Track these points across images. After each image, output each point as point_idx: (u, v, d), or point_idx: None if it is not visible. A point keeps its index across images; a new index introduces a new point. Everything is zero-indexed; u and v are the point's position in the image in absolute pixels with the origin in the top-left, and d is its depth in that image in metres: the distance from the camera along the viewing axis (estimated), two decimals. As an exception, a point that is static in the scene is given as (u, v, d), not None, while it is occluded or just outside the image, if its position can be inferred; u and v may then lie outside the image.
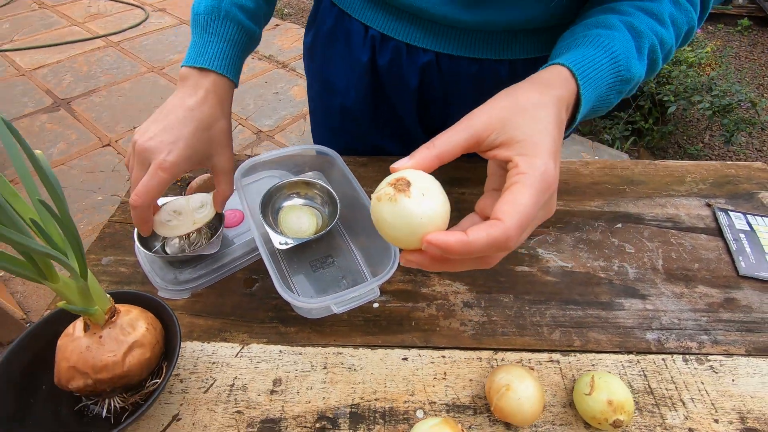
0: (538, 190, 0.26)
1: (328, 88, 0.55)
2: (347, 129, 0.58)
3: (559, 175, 0.58)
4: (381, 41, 0.48)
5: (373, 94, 0.52)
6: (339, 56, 0.52)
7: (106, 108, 2.30)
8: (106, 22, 3.13)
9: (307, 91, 0.62)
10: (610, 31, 0.35)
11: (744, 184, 0.58)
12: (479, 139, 0.29)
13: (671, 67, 1.97)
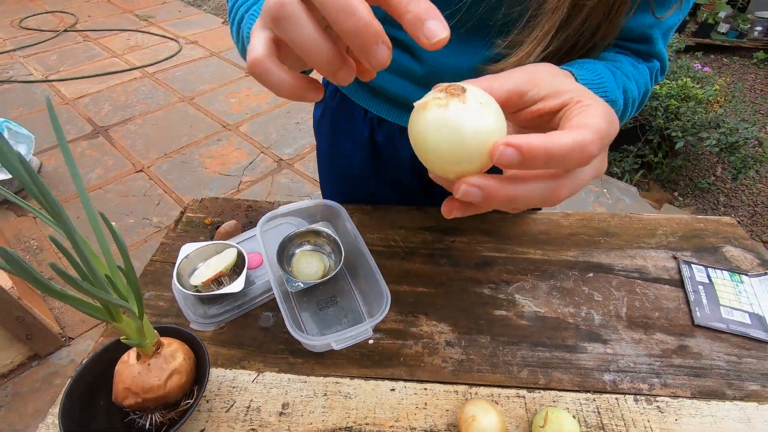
0: (605, 120, 0.25)
1: (335, 154, 0.65)
2: (352, 184, 0.67)
3: (541, 226, 0.66)
4: (378, 122, 0.57)
5: (373, 161, 0.61)
6: (344, 130, 0.61)
7: (140, 136, 2.47)
8: (143, 53, 3.36)
9: (317, 152, 0.72)
10: (592, 63, 0.39)
11: (710, 238, 0.64)
12: (521, 92, 0.28)
13: (680, 103, 2.02)
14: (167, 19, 3.97)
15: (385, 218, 0.66)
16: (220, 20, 3.98)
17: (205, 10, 4.20)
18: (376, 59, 0.21)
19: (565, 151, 0.22)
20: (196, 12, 4.16)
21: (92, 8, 4.23)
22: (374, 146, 0.60)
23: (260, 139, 2.45)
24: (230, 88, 2.92)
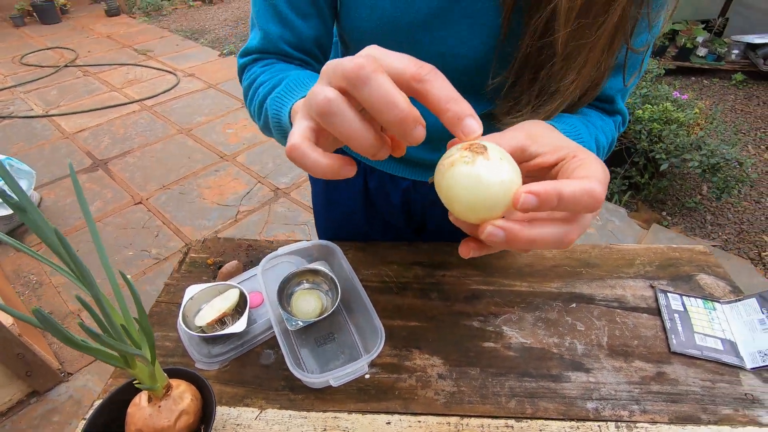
0: (602, 171, 0.28)
1: (329, 199, 0.69)
2: (345, 225, 0.71)
3: (526, 258, 0.70)
4: (370, 171, 0.62)
5: (365, 206, 0.66)
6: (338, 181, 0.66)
7: (138, 168, 2.52)
8: (142, 87, 3.45)
9: (312, 194, 0.76)
10: (569, 117, 0.45)
11: (685, 267, 0.68)
12: (523, 147, 0.31)
13: (662, 127, 2.10)
14: (165, 53, 4.09)
15: (378, 254, 0.70)
16: (216, 53, 4.09)
17: (202, 43, 4.33)
18: (414, 138, 0.24)
19: (574, 193, 0.25)
20: (194, 45, 4.28)
21: (92, 44, 4.35)
22: (367, 192, 0.64)
23: (257, 168, 2.50)
24: (227, 119, 2.99)
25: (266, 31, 0.49)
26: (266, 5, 0.48)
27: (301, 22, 0.48)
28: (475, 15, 0.43)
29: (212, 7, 5.58)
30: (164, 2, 5.45)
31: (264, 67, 0.50)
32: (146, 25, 4.88)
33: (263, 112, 0.47)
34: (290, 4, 0.47)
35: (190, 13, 5.35)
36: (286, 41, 0.49)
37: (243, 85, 0.52)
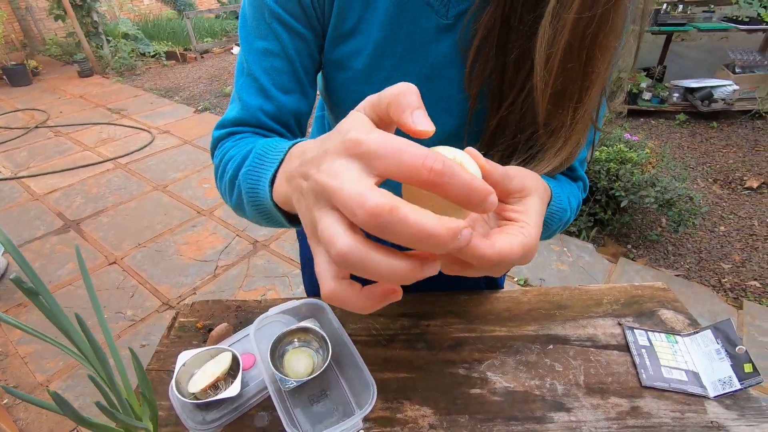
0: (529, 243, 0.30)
1: None
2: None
3: (503, 304, 0.74)
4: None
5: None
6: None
7: (112, 227, 2.48)
8: (116, 145, 3.46)
9: (300, 252, 0.80)
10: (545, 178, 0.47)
11: (647, 303, 0.74)
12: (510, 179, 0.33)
13: (618, 166, 2.26)
14: (140, 111, 4.14)
15: (365, 308, 0.73)
16: (191, 110, 4.18)
17: (176, 101, 4.42)
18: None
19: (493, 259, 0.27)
20: (168, 103, 4.36)
21: (64, 104, 4.37)
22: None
23: (235, 222, 2.51)
24: (203, 174, 3.02)
25: (246, 102, 0.50)
26: (249, 80, 0.49)
27: (283, 95, 0.50)
28: (446, 99, 0.50)
29: (186, 65, 5.74)
30: (138, 62, 5.57)
31: (236, 142, 0.50)
32: (120, 85, 4.96)
33: (235, 189, 0.45)
34: (273, 80, 0.49)
35: (164, 72, 5.48)
36: (265, 112, 0.50)
37: (215, 161, 0.52)
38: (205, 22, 6.91)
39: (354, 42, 0.49)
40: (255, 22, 0.48)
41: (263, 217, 0.44)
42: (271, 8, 0.47)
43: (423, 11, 0.47)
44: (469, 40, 0.47)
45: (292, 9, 0.47)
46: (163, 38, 6.36)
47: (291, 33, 0.48)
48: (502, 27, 0.44)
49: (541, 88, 0.40)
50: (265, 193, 0.39)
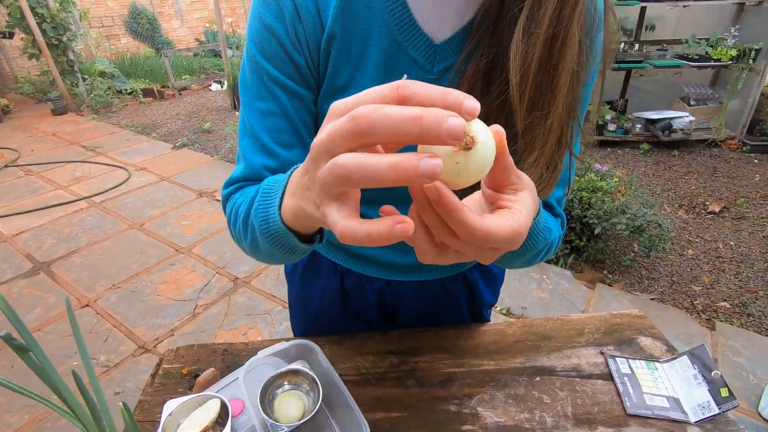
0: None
1: (305, 299, 0.74)
2: (321, 322, 0.75)
3: (490, 337, 0.75)
4: (346, 272, 0.68)
5: (342, 304, 0.71)
6: (315, 281, 0.71)
7: (85, 268, 2.40)
8: (90, 183, 3.39)
9: (288, 294, 0.80)
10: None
11: (626, 331, 0.77)
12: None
13: (590, 195, 2.35)
14: (116, 148, 4.09)
15: (354, 347, 0.73)
16: (169, 146, 4.16)
17: (154, 137, 4.39)
18: (451, 127, 0.23)
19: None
20: (145, 140, 4.33)
21: (36, 143, 4.29)
22: (344, 292, 0.70)
23: (214, 259, 2.47)
24: (182, 211, 2.98)
25: (250, 161, 0.53)
26: (252, 140, 0.53)
27: (285, 152, 0.53)
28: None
29: (164, 102, 5.75)
30: (114, 99, 5.55)
31: (242, 191, 0.53)
32: (95, 122, 4.91)
33: (249, 228, 0.48)
34: (274, 138, 0.52)
35: (141, 109, 5.47)
36: (268, 168, 0.53)
37: (227, 213, 0.55)
38: (183, 60, 6.99)
39: (346, 96, 0.52)
40: (255, 85, 0.51)
41: (277, 247, 0.45)
42: (269, 73, 0.50)
43: (409, 67, 0.51)
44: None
45: (290, 72, 0.50)
46: (141, 76, 6.38)
47: (288, 93, 0.51)
48: (484, 79, 0.48)
49: (516, 100, 0.43)
50: (275, 219, 0.41)
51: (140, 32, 7.08)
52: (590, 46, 0.47)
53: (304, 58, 0.51)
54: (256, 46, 0.50)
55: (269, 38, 0.49)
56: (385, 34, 0.50)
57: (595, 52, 0.49)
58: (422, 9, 0.49)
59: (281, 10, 0.49)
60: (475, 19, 0.49)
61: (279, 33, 0.49)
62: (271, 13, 0.49)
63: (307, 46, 0.50)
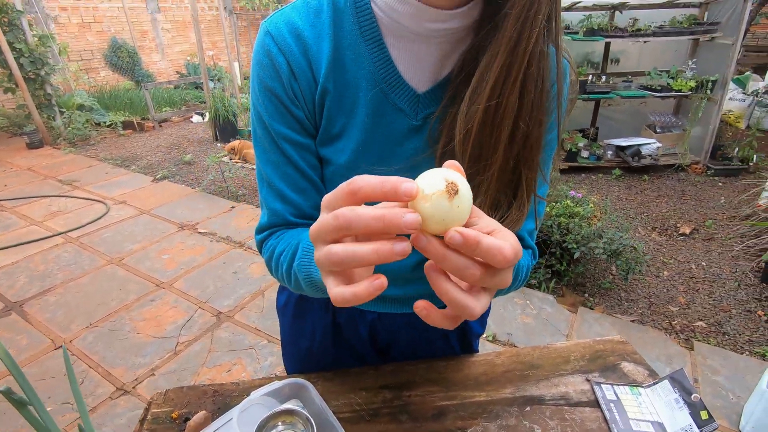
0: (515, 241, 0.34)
1: (297, 334, 0.75)
2: (313, 358, 0.75)
3: (480, 368, 0.77)
4: (339, 308, 0.69)
5: (334, 338, 0.72)
6: (307, 316, 0.73)
7: (61, 306, 2.32)
8: (66, 218, 3.31)
9: (280, 329, 0.81)
10: None
11: (610, 357, 0.79)
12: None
13: (568, 220, 2.43)
14: (94, 182, 4.03)
15: (346, 383, 0.74)
16: (149, 179, 4.12)
17: (133, 170, 4.35)
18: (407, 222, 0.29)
19: (490, 247, 0.31)
20: (125, 173, 4.28)
21: (9, 177, 4.18)
22: (336, 327, 0.71)
23: (197, 293, 2.42)
24: (162, 245, 2.93)
25: (272, 209, 0.59)
26: (270, 189, 0.59)
27: (299, 197, 0.59)
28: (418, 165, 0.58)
29: (144, 134, 5.72)
30: (92, 132, 5.49)
31: (278, 239, 0.60)
32: (72, 156, 4.84)
33: (293, 277, 0.55)
34: (288, 183, 0.58)
35: (120, 141, 5.42)
36: (291, 213, 0.59)
37: (264, 257, 0.61)
38: (164, 92, 7.01)
39: (340, 142, 0.57)
40: (265, 140, 0.58)
41: (318, 292, 0.54)
42: (275, 129, 0.56)
43: (397, 115, 0.56)
44: (436, 136, 0.55)
45: (292, 125, 0.56)
46: (120, 108, 6.35)
47: (294, 145, 0.57)
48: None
49: (459, 153, 0.49)
50: (318, 274, 0.49)
51: (120, 65, 7.09)
52: (553, 97, 0.52)
53: (303, 111, 0.56)
54: (261, 106, 0.56)
55: (270, 98, 0.55)
56: (373, 87, 0.55)
57: (560, 101, 0.55)
58: (405, 66, 0.55)
59: (278, 72, 0.54)
60: (451, 74, 0.55)
61: (278, 92, 0.54)
62: (269, 76, 0.54)
63: (303, 101, 0.55)
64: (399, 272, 0.65)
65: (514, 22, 0.44)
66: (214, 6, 8.46)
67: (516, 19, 0.44)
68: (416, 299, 0.71)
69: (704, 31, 3.79)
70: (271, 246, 0.59)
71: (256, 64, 0.56)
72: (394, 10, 0.51)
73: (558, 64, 0.50)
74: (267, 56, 0.54)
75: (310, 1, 0.55)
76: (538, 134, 0.50)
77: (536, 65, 0.47)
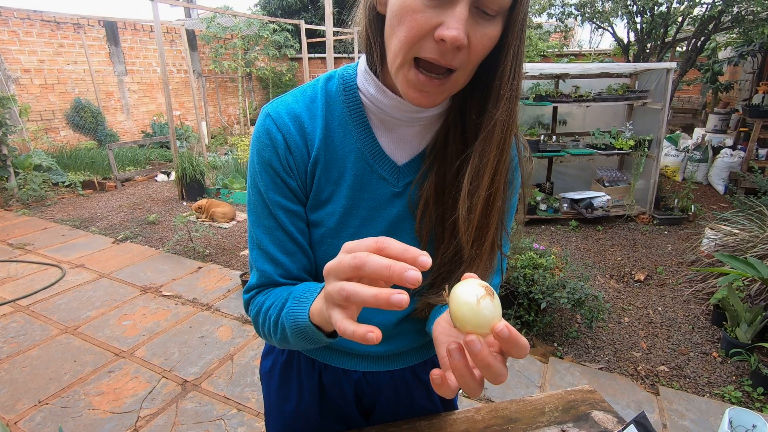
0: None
1: (282, 398, 0.76)
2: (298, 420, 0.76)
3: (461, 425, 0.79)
4: (324, 368, 0.72)
5: (320, 400, 0.74)
6: (293, 379, 0.74)
7: (5, 384, 2.14)
8: (16, 285, 3.12)
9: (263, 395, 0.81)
10: None
11: (581, 407, 0.84)
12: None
13: (533, 272, 2.54)
14: (49, 245, 3.84)
15: (333, 449, 0.74)
16: (110, 240, 3.98)
17: (93, 231, 4.19)
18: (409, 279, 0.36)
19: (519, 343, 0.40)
20: (83, 234, 4.12)
21: (-47, 242, 3.92)
22: (321, 388, 0.73)
23: (160, 362, 2.29)
24: (124, 310, 2.79)
25: (262, 270, 0.63)
26: (261, 252, 0.63)
27: (288, 259, 0.64)
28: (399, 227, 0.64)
29: (105, 194, 5.58)
30: (49, 193, 5.30)
31: (265, 296, 0.63)
32: (25, 218, 4.62)
33: (279, 327, 0.58)
34: (277, 246, 0.63)
35: (79, 201, 5.25)
36: (279, 274, 0.63)
37: (251, 314, 0.65)
38: (128, 151, 6.94)
39: (328, 207, 0.63)
40: (259, 207, 0.63)
41: (304, 340, 0.56)
42: (269, 197, 0.62)
43: (379, 183, 0.64)
44: (415, 201, 0.63)
45: (285, 193, 0.63)
46: (81, 168, 6.21)
47: (286, 212, 0.63)
48: (437, 191, 0.63)
49: (464, 231, 0.58)
50: (304, 318, 0.53)
51: (82, 125, 7.01)
52: (514, 169, 0.65)
53: (296, 181, 0.63)
54: (258, 178, 0.62)
55: (267, 170, 0.61)
56: (359, 159, 0.63)
57: (522, 172, 0.65)
58: (387, 142, 0.64)
59: (275, 147, 0.61)
60: (427, 148, 0.64)
61: (275, 165, 0.61)
62: (267, 151, 0.61)
63: (297, 172, 0.63)
64: (383, 328, 0.69)
65: (501, 127, 0.54)
66: (182, 69, 8.69)
67: (503, 126, 0.54)
68: (400, 356, 0.76)
69: (637, 98, 4.28)
70: (258, 302, 0.63)
71: (256, 141, 0.63)
72: (378, 100, 0.61)
73: (517, 147, 0.61)
74: (266, 134, 0.62)
75: (306, 90, 0.65)
76: (504, 202, 0.60)
77: (509, 158, 0.58)
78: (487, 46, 0.50)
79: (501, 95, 0.53)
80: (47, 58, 6.73)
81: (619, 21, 5.52)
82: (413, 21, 0.48)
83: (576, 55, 8.22)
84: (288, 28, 9.34)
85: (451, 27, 0.46)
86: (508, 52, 0.51)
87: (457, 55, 0.49)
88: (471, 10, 0.47)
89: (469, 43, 0.48)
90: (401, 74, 0.52)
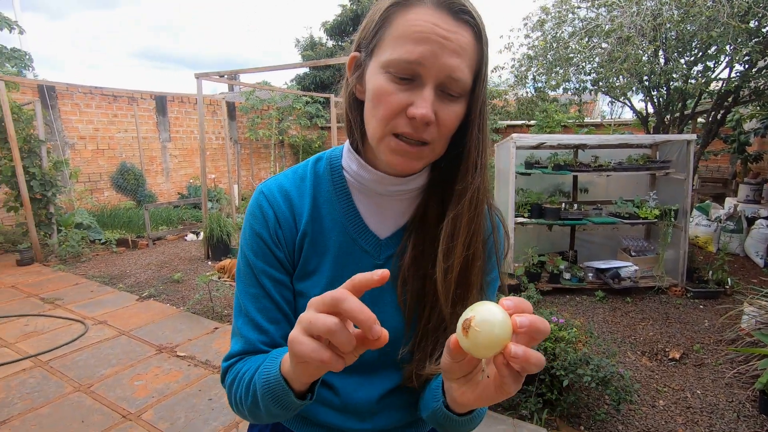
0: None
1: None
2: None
3: None
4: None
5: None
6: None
7: (13, 442, 2.12)
8: (40, 339, 3.20)
9: None
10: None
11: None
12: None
13: (554, 345, 2.42)
14: (77, 300, 3.97)
15: None
16: (134, 297, 4.08)
17: (120, 288, 4.33)
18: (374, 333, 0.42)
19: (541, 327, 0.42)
20: (111, 291, 4.25)
21: (-10, 295, 4.11)
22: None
23: (165, 426, 2.24)
24: (137, 369, 2.79)
25: (246, 338, 0.65)
26: (246, 319, 0.65)
27: (273, 327, 0.65)
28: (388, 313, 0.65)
29: (136, 251, 5.82)
30: (85, 249, 5.58)
31: (244, 363, 0.63)
32: (61, 273, 4.84)
33: (251, 390, 0.58)
34: (264, 316, 0.65)
35: (112, 258, 5.48)
36: (262, 342, 0.65)
37: (227, 381, 0.64)
38: (162, 211, 7.32)
39: (314, 278, 0.67)
40: (248, 276, 0.67)
41: (274, 403, 0.55)
42: (258, 266, 0.66)
43: (362, 256, 0.68)
44: (396, 274, 0.65)
45: (273, 263, 0.66)
46: (118, 227, 6.56)
47: (273, 281, 0.66)
48: (416, 263, 0.66)
49: (443, 293, 0.61)
50: (276, 371, 0.54)
51: (125, 186, 7.51)
52: (489, 244, 0.68)
53: (284, 252, 0.67)
54: (248, 248, 0.67)
55: (258, 241, 0.66)
56: (344, 233, 0.68)
57: (497, 247, 0.68)
58: (369, 217, 0.69)
59: (266, 221, 0.66)
60: (407, 224, 0.69)
61: (265, 237, 0.66)
62: (258, 224, 0.67)
63: (285, 245, 0.67)
64: (365, 406, 0.68)
65: (472, 191, 0.60)
66: (221, 136, 9.35)
67: (474, 190, 0.60)
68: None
69: (658, 168, 4.26)
70: (236, 369, 0.63)
71: (249, 215, 0.68)
72: (361, 176, 0.67)
73: (491, 218, 0.65)
74: (259, 209, 0.67)
75: (298, 170, 0.71)
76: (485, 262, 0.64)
77: (483, 222, 0.62)
78: (454, 121, 0.58)
79: (469, 164, 0.61)
80: (102, 126, 7.42)
81: (635, 95, 5.67)
82: (388, 102, 0.56)
83: (596, 126, 8.37)
84: (320, 100, 10.04)
85: (420, 106, 0.54)
86: (474, 127, 0.60)
87: (428, 129, 0.56)
88: (437, 93, 0.55)
89: (438, 119, 0.56)
90: (383, 144, 0.59)
